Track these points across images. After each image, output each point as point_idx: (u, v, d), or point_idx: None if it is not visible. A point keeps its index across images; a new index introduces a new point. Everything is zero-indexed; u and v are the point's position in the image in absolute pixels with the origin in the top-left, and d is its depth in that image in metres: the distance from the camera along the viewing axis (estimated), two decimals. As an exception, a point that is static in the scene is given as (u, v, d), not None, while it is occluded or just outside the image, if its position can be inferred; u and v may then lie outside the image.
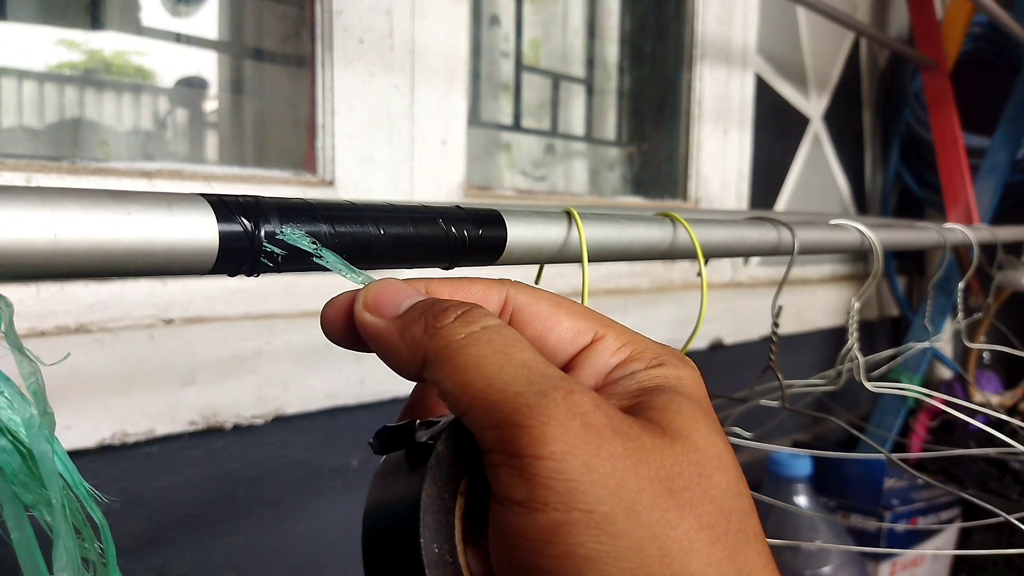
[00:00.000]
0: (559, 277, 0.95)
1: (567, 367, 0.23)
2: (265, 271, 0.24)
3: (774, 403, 0.62)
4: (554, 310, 0.24)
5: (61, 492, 0.21)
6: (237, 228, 0.23)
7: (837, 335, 1.46)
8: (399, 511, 0.21)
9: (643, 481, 0.18)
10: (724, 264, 1.21)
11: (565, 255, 0.36)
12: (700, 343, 1.16)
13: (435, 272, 0.29)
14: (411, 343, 0.22)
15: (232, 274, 0.24)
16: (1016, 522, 0.51)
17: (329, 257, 0.25)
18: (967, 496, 0.58)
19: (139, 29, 0.71)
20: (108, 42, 0.69)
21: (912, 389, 0.76)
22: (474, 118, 1.00)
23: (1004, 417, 0.66)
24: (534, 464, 0.18)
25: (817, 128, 1.45)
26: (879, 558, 1.01)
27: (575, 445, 0.18)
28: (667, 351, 0.23)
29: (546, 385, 0.19)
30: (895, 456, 0.56)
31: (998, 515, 0.52)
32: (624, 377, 0.22)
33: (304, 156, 0.76)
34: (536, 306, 0.24)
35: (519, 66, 1.07)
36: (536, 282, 0.38)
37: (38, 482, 0.21)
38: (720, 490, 0.19)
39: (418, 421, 0.23)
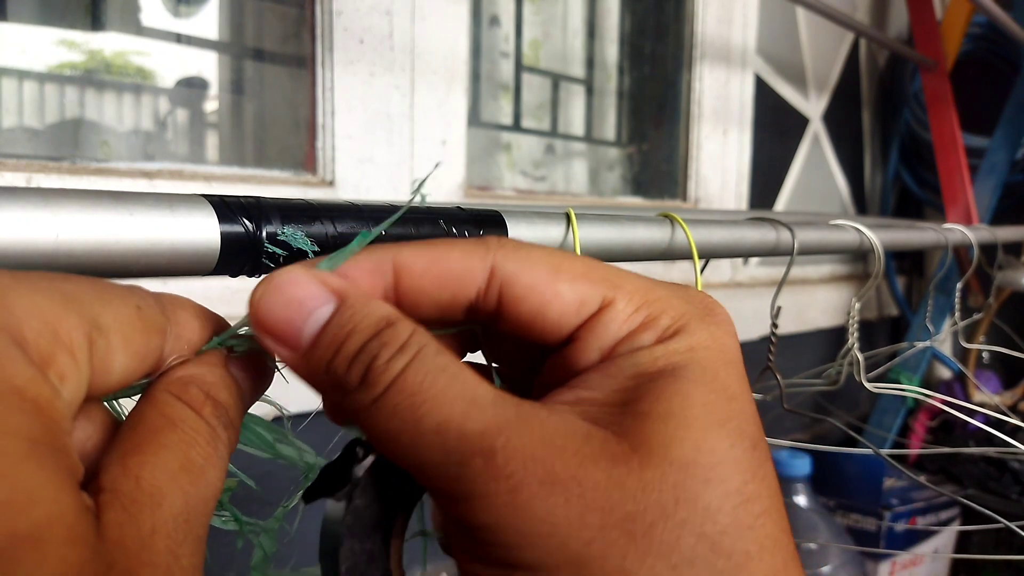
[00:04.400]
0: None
1: (571, 340, 0.20)
2: (267, 272, 0.24)
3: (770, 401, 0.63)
4: (551, 278, 0.19)
5: None
6: (239, 229, 0.23)
7: (837, 335, 1.46)
8: (328, 562, 0.20)
9: (592, 531, 0.16)
10: (724, 264, 1.21)
11: (565, 255, 0.36)
12: (700, 343, 1.15)
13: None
14: (325, 394, 0.19)
15: (234, 275, 0.24)
16: (1016, 529, 0.52)
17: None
18: (964, 500, 0.58)
19: (139, 29, 0.71)
20: (108, 42, 0.69)
21: (911, 389, 0.76)
22: (474, 118, 1.00)
23: (1003, 417, 0.66)
24: (470, 534, 0.17)
25: (816, 128, 1.45)
26: (878, 558, 1.01)
27: (504, 516, 0.16)
28: (692, 309, 0.20)
29: (463, 452, 0.16)
30: (889, 453, 0.56)
31: (998, 521, 0.52)
32: (629, 353, 0.19)
33: (304, 156, 0.76)
34: (530, 276, 0.19)
35: (519, 66, 1.07)
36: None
37: None
38: (709, 511, 0.17)
39: (357, 447, 0.20)
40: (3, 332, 0.15)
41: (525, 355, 0.22)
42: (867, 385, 0.66)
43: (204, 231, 0.22)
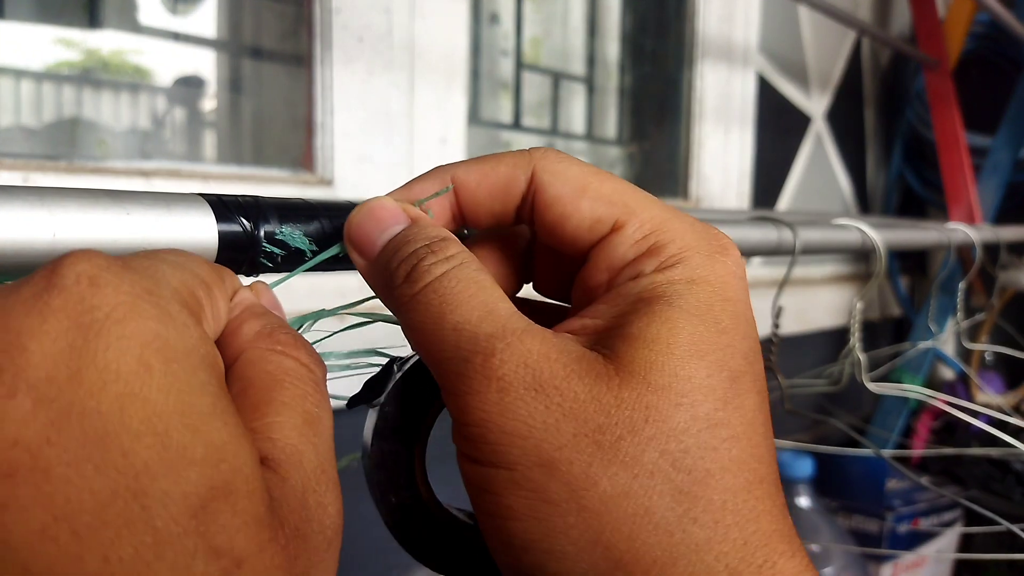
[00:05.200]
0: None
1: (586, 258, 0.22)
2: (264, 271, 0.24)
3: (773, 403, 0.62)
4: (576, 194, 0.21)
5: None
6: (236, 228, 0.23)
7: (839, 336, 1.46)
8: (365, 463, 0.23)
9: (565, 438, 0.18)
10: (725, 264, 1.20)
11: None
12: (701, 343, 1.15)
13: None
14: (381, 293, 0.22)
15: None
16: (1018, 531, 0.51)
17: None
18: (966, 502, 0.57)
19: (137, 28, 0.70)
20: (106, 41, 0.69)
21: (913, 389, 0.75)
22: (474, 117, 0.99)
23: (1007, 418, 0.66)
24: (463, 428, 0.19)
25: (819, 127, 1.44)
26: (881, 559, 1.00)
27: (491, 413, 0.18)
28: (701, 243, 0.21)
29: (469, 350, 0.19)
30: (892, 455, 0.56)
31: (1001, 524, 0.51)
32: (631, 280, 0.21)
33: (303, 155, 0.75)
34: (559, 188, 0.21)
35: (519, 64, 1.06)
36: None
37: None
38: (676, 429, 0.18)
39: (395, 364, 0.23)
40: (174, 297, 0.17)
41: (564, 272, 0.24)
42: (869, 385, 0.66)
43: (201, 230, 0.22)
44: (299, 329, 0.25)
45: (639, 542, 0.17)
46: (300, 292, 0.70)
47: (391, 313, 0.23)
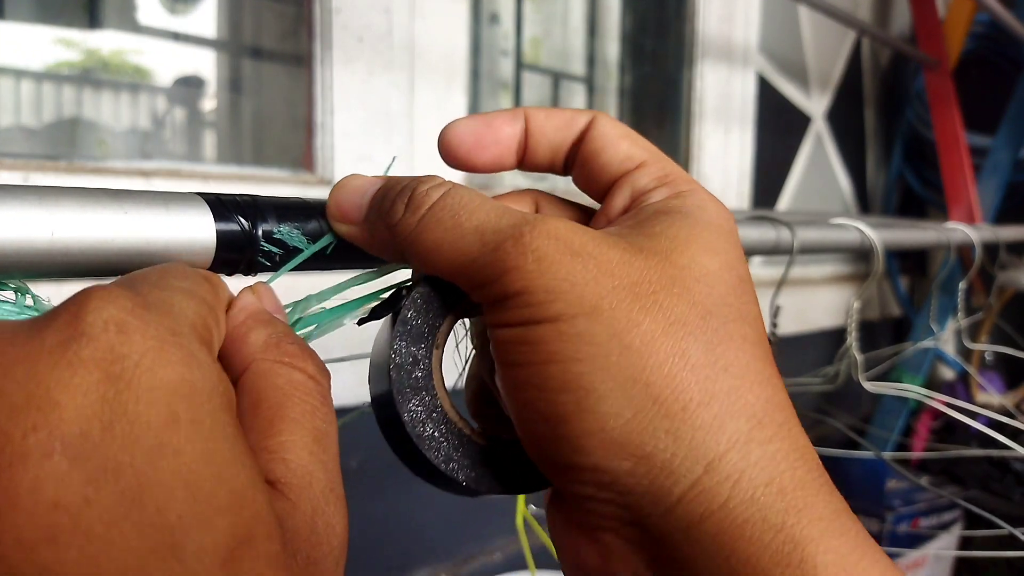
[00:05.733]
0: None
1: (609, 188, 0.24)
2: (263, 271, 0.24)
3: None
4: (619, 136, 0.24)
5: None
6: (235, 227, 0.23)
7: (839, 335, 1.46)
8: (379, 374, 0.23)
9: (604, 290, 0.19)
10: (725, 264, 1.20)
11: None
12: (701, 343, 1.15)
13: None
14: (382, 243, 0.23)
15: (229, 274, 0.24)
16: (1018, 534, 0.51)
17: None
18: (965, 503, 0.57)
19: (137, 28, 0.70)
20: (106, 41, 0.69)
21: (910, 389, 0.76)
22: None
23: (1006, 419, 0.66)
24: (505, 302, 0.20)
25: (819, 127, 1.45)
26: (881, 559, 1.00)
27: (533, 277, 0.19)
28: (698, 185, 0.24)
29: (497, 239, 0.20)
30: (891, 456, 0.56)
31: (1000, 526, 0.51)
32: (646, 201, 0.23)
33: (302, 155, 0.75)
34: (608, 128, 0.24)
35: (519, 64, 1.07)
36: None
37: None
38: (698, 296, 0.20)
39: (404, 288, 0.24)
40: (193, 334, 0.17)
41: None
42: (865, 385, 0.66)
43: (200, 229, 0.22)
44: (294, 324, 0.25)
45: (677, 380, 0.19)
46: (301, 291, 0.70)
47: (388, 265, 0.24)
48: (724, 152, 1.23)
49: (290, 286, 0.76)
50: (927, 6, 1.23)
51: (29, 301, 0.20)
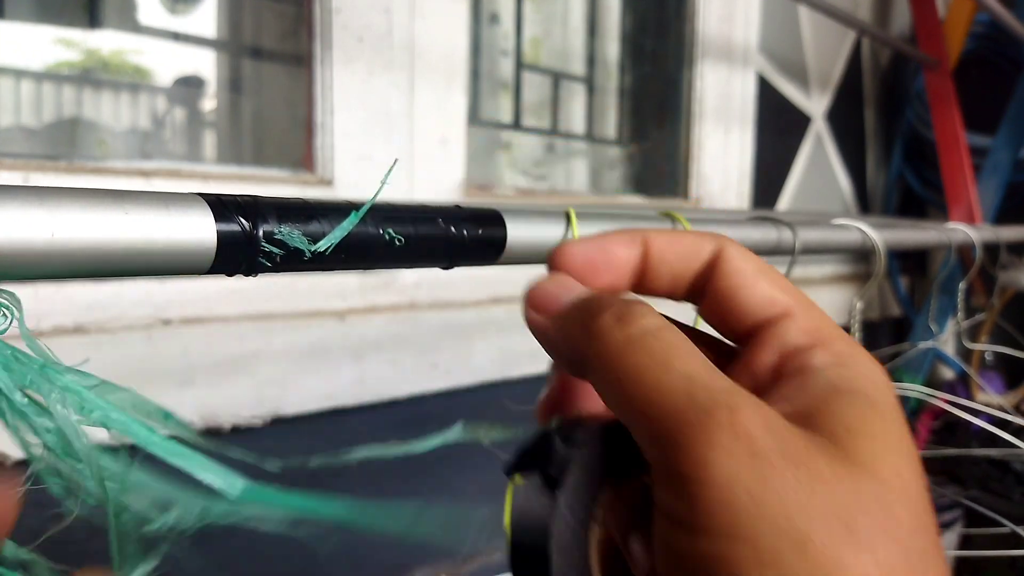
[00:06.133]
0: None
1: (751, 335, 0.22)
2: (263, 271, 0.24)
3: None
4: (757, 273, 0.23)
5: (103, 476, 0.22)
6: (235, 228, 0.23)
7: (838, 335, 1.46)
8: (533, 542, 0.21)
9: (816, 514, 0.17)
10: (725, 264, 1.21)
11: (567, 255, 0.35)
12: (701, 343, 1.15)
13: (436, 273, 0.28)
14: (571, 344, 0.21)
15: (230, 274, 0.24)
16: (1021, 532, 0.51)
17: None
18: (967, 502, 0.57)
19: (137, 28, 0.70)
20: (106, 41, 0.69)
21: (911, 388, 0.75)
22: (474, 117, 0.99)
23: (1007, 418, 0.66)
24: (696, 488, 0.17)
25: (819, 127, 1.45)
26: (881, 559, 1.00)
27: (740, 473, 0.17)
28: (855, 344, 0.22)
29: (710, 402, 0.18)
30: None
31: (1001, 524, 0.51)
32: (807, 369, 0.21)
33: (302, 155, 0.75)
34: (742, 262, 0.23)
35: (519, 64, 1.06)
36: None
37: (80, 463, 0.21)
38: (904, 528, 0.18)
39: (557, 427, 0.22)
40: None
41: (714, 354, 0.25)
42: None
43: (200, 230, 0.22)
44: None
45: None
46: (301, 291, 0.71)
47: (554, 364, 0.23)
48: (724, 152, 1.23)
49: (289, 284, 0.75)
50: (927, 6, 1.23)
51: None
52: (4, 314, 0.21)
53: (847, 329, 0.66)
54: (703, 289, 0.23)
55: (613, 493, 0.22)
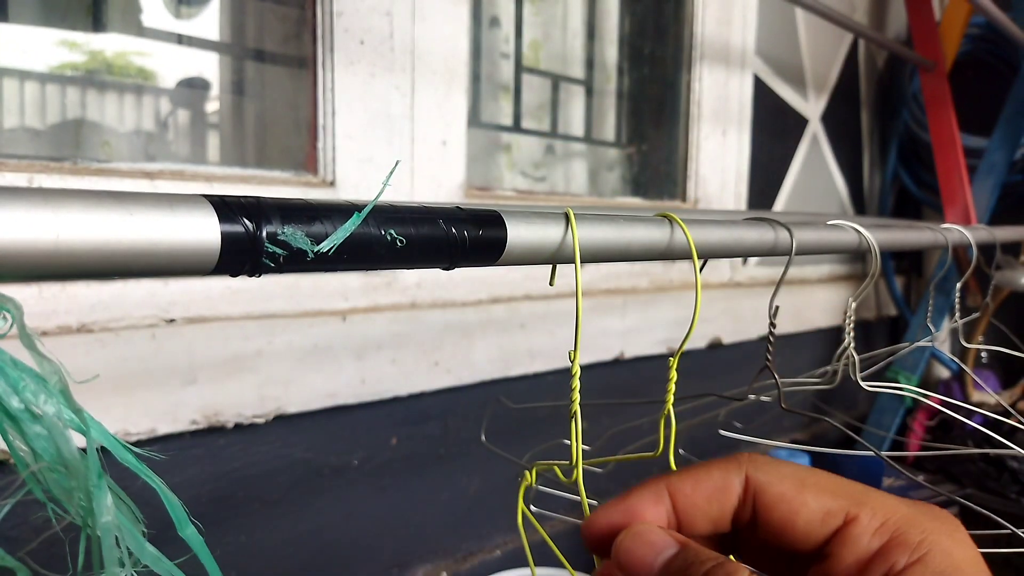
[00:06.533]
0: (560, 277, 0.95)
1: (820, 554, 0.22)
2: (267, 272, 0.24)
3: (770, 400, 0.63)
4: (798, 490, 0.22)
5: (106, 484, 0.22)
6: (239, 229, 0.23)
7: (835, 335, 1.46)
8: None
9: None
10: (723, 264, 1.21)
11: (565, 255, 0.36)
12: (699, 342, 1.16)
13: (437, 273, 0.29)
14: None
15: (234, 274, 0.24)
16: (1020, 533, 0.52)
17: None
18: (962, 500, 0.58)
19: (141, 30, 0.71)
20: (110, 43, 0.69)
21: (906, 388, 0.76)
22: (474, 119, 1.00)
23: (1001, 417, 0.66)
24: None
25: (815, 129, 1.45)
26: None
27: None
28: (934, 522, 0.21)
29: None
30: (888, 454, 0.57)
31: (998, 523, 0.52)
32: (892, 573, 0.21)
33: (305, 157, 0.76)
34: (779, 486, 0.22)
35: (519, 67, 1.07)
36: (550, 282, 0.39)
37: (72, 472, 0.22)
38: None
39: None
40: None
41: (784, 569, 0.24)
42: (862, 384, 0.66)
43: (204, 231, 0.22)
44: None
45: None
46: (304, 291, 0.71)
47: None
48: (722, 154, 1.24)
49: (292, 284, 0.76)
50: (923, 9, 1.24)
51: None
52: (4, 317, 0.21)
53: (843, 328, 0.66)
54: (752, 522, 0.23)
55: None
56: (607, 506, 0.23)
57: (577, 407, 0.32)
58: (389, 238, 0.27)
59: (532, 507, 0.60)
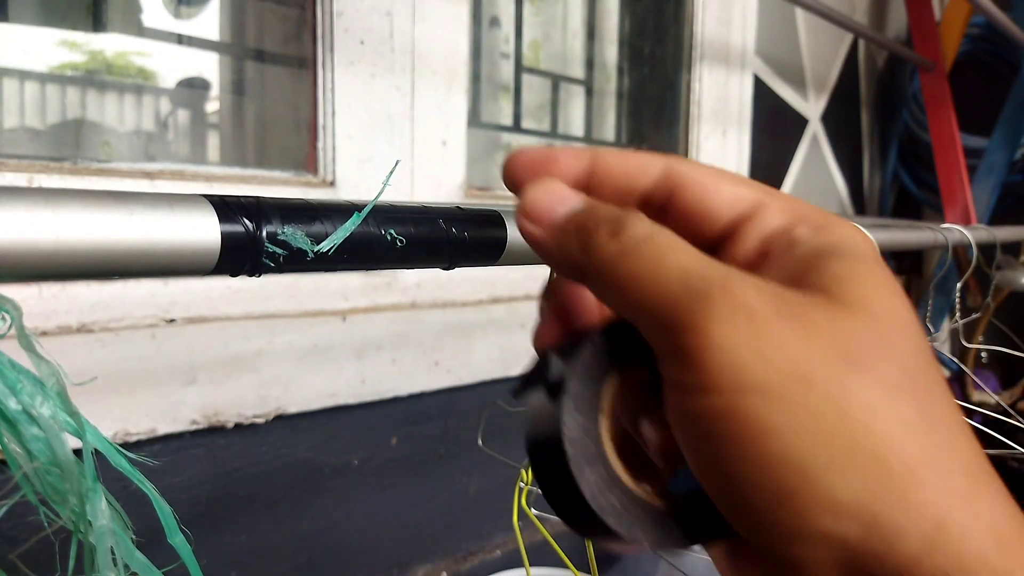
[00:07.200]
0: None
1: (728, 233, 0.23)
2: (267, 271, 0.24)
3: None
4: (715, 177, 0.23)
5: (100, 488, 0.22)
6: (239, 229, 0.23)
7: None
8: (549, 448, 0.22)
9: (815, 354, 0.18)
10: (723, 264, 1.21)
11: (563, 255, 0.36)
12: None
13: (437, 273, 0.29)
14: (568, 259, 0.22)
15: (234, 274, 0.24)
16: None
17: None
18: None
19: (141, 30, 0.71)
20: (110, 43, 0.69)
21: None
22: (474, 119, 1.00)
23: (1001, 417, 0.66)
24: (702, 355, 0.19)
25: (815, 129, 1.45)
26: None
27: (740, 335, 0.18)
28: (833, 215, 0.23)
29: (704, 283, 0.19)
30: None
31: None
32: (791, 242, 0.22)
33: (305, 157, 0.76)
34: (698, 173, 0.23)
35: (519, 67, 1.07)
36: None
37: (66, 472, 0.22)
38: (903, 353, 0.19)
39: (554, 347, 0.24)
40: None
41: None
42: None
43: (204, 231, 0.22)
44: None
45: (899, 443, 0.18)
46: (304, 291, 0.71)
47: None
48: (721, 154, 1.24)
49: (292, 284, 0.76)
50: (923, 8, 1.24)
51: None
52: (3, 318, 0.21)
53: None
54: (665, 207, 0.24)
55: (619, 387, 0.23)
56: (535, 148, 0.24)
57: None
58: (389, 238, 0.27)
59: (533, 510, 0.60)
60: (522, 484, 0.58)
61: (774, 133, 1.34)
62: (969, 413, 1.11)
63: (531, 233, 0.24)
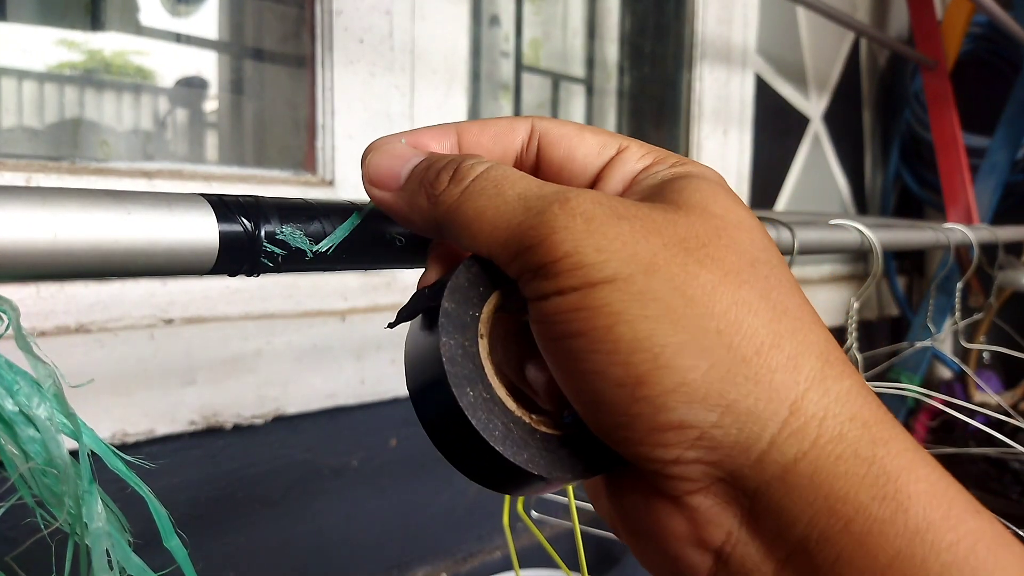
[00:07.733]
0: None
1: (596, 180, 0.24)
2: (265, 271, 0.24)
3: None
4: (579, 131, 0.24)
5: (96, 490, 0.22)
6: (237, 228, 0.23)
7: (837, 335, 1.45)
8: (428, 371, 0.22)
9: (656, 247, 0.19)
10: (724, 264, 1.21)
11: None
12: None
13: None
14: (420, 214, 0.23)
15: (232, 274, 0.24)
16: (1018, 531, 0.52)
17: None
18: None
19: (139, 29, 0.71)
20: (108, 42, 0.69)
21: (910, 388, 0.76)
22: (474, 118, 1.00)
23: (1004, 417, 0.66)
24: (553, 266, 0.19)
25: (817, 128, 1.45)
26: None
27: (582, 237, 0.19)
28: (691, 160, 0.24)
29: (542, 204, 0.20)
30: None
31: (1007, 527, 0.52)
32: (649, 175, 0.23)
33: (304, 156, 0.76)
34: (561, 129, 0.25)
35: (519, 66, 1.07)
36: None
37: (63, 475, 0.21)
38: (744, 245, 0.20)
39: (425, 289, 0.24)
40: None
41: None
42: (867, 385, 0.66)
43: (202, 230, 0.22)
44: None
45: (745, 325, 0.19)
46: (303, 291, 0.71)
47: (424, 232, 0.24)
48: (723, 153, 1.23)
49: (291, 284, 0.76)
50: (925, 7, 1.24)
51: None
52: (0, 318, 0.21)
53: (844, 329, 0.66)
54: (535, 165, 0.25)
55: (498, 330, 0.24)
56: (395, 135, 0.25)
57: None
58: (388, 238, 0.27)
59: (533, 513, 0.59)
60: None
61: (775, 132, 1.34)
62: (971, 414, 1.11)
63: (381, 199, 0.24)
